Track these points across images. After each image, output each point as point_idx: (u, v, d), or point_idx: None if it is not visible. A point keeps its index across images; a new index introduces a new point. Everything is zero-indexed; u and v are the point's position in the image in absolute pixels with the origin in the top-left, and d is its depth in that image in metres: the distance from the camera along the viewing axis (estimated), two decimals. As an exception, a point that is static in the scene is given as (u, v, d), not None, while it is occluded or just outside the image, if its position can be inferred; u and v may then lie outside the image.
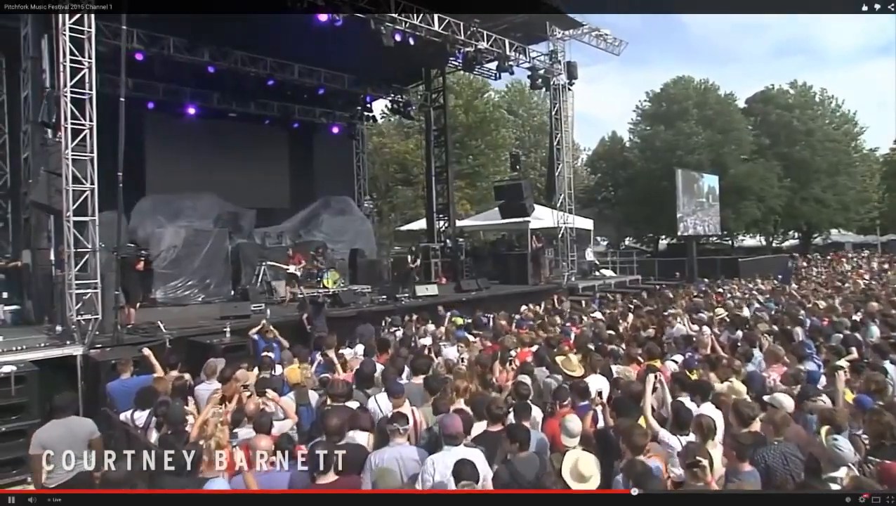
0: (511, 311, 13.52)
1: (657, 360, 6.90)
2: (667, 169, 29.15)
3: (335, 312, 12.18)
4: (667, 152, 35.68)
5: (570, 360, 5.88)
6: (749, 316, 10.55)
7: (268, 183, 20.25)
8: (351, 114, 21.95)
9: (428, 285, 15.24)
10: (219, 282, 15.08)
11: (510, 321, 11.48)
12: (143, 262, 10.12)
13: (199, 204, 15.95)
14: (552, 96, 17.89)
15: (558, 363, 5.95)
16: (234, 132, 18.95)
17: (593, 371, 6.11)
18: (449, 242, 20.73)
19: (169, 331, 9.52)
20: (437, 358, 7.49)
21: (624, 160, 40.77)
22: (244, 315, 11.13)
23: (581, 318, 11.96)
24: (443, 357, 7.58)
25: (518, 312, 13.17)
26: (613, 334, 8.89)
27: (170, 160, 17.50)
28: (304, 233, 18.22)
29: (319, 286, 15.18)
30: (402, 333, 9.65)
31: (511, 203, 18.85)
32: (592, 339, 8.50)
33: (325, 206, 19.27)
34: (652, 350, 7.07)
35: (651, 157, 37.57)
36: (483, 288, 16.43)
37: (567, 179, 18.24)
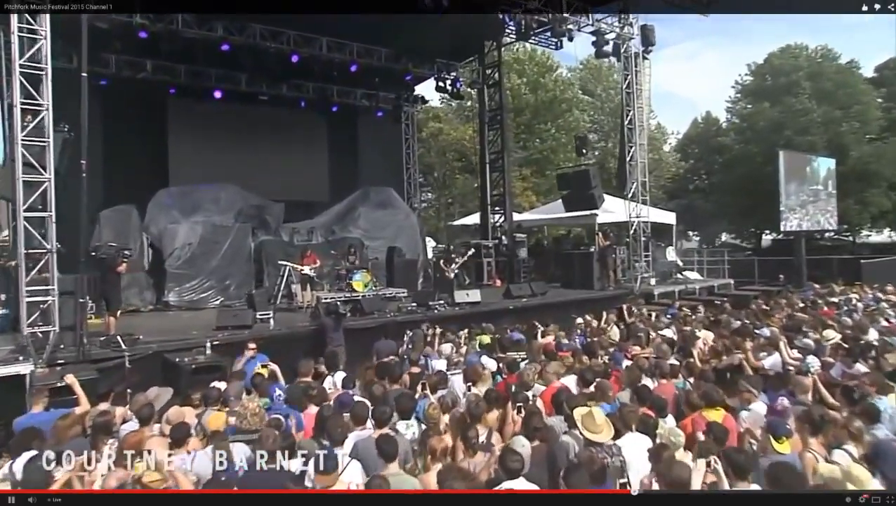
0: (569, 323, 12.01)
1: (721, 409, 5.26)
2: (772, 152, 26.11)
3: (352, 323, 11.09)
4: (772, 133, 32.19)
5: (592, 417, 4.35)
6: (876, 341, 8.40)
7: (304, 173, 19.72)
8: (396, 95, 20.92)
9: (469, 291, 13.86)
10: (239, 283, 14.49)
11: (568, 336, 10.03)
12: (125, 263, 9.40)
13: (219, 196, 15.42)
14: (623, 67, 15.96)
15: (576, 419, 4.44)
16: (265, 117, 18.43)
17: (627, 428, 4.58)
18: (504, 239, 19.25)
19: (147, 344, 8.76)
20: (436, 393, 6.14)
21: (720, 144, 37.45)
22: (244, 325, 10.25)
23: (648, 335, 10.23)
24: (444, 393, 6.22)
25: (575, 325, 11.62)
26: (678, 364, 7.20)
27: (195, 149, 17.28)
28: (338, 229, 17.32)
29: (348, 290, 14.25)
30: (410, 351, 8.33)
31: (576, 193, 17.13)
32: (650, 370, 6.86)
33: (363, 198, 18.29)
34: (710, 396, 5.38)
35: (753, 138, 34.10)
36: (538, 294, 14.86)
37: (641, 165, 16.26)
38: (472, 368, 6.68)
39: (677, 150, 41.24)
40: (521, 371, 6.18)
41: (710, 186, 38.84)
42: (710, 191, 38.47)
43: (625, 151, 16.22)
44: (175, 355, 8.15)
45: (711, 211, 37.19)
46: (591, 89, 37.90)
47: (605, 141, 35.68)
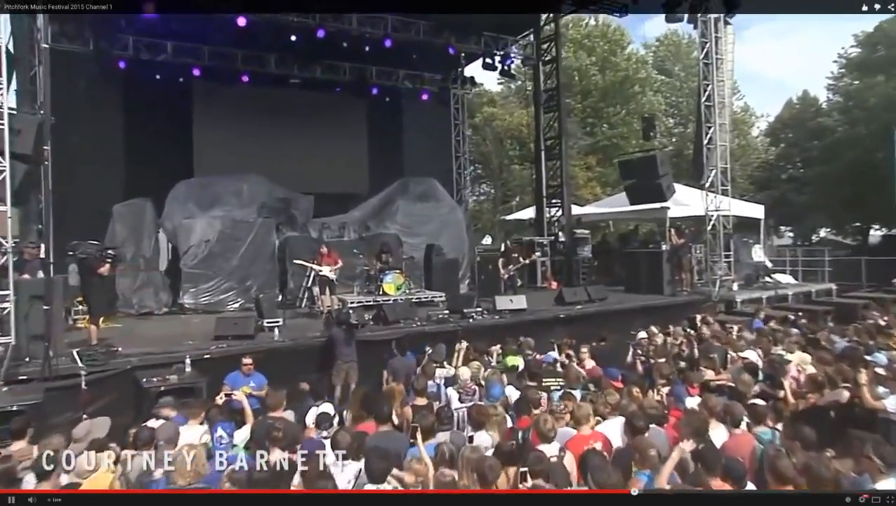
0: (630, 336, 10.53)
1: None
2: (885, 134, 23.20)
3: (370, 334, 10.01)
4: (884, 112, 28.81)
5: None
6: None
7: (341, 163, 18.97)
8: (443, 76, 19.77)
9: (514, 296, 12.51)
10: (262, 284, 13.83)
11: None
12: (107, 264, 8.65)
13: (242, 189, 14.72)
14: (700, 33, 14.11)
15: None
16: (297, 102, 17.80)
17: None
18: (562, 236, 17.75)
19: (127, 357, 7.96)
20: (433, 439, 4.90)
21: (818, 127, 34.12)
22: (245, 335, 9.35)
23: (726, 356, 8.61)
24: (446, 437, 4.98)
25: (635, 340, 10.12)
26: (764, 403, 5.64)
27: (221, 138, 16.85)
28: (373, 224, 16.33)
29: (378, 292, 13.25)
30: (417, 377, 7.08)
31: (641, 183, 15.46)
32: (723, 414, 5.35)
33: (402, 190, 17.24)
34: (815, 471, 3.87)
35: (861, 119, 30.77)
36: (595, 299, 13.35)
37: (721, 149, 14.37)
38: (478, 407, 5.38)
39: (767, 134, 38.12)
40: (539, 417, 4.83)
41: (805, 174, 35.57)
42: (805, 180, 35.19)
43: (702, 133, 14.37)
44: (146, 374, 7.27)
45: (807, 203, 34.02)
46: (668, 68, 35.56)
47: (684, 126, 33.28)
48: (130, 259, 13.01)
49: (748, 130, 34.66)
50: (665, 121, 32.76)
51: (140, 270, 13.12)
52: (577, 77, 29.55)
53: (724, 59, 14.26)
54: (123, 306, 12.71)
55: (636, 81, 30.85)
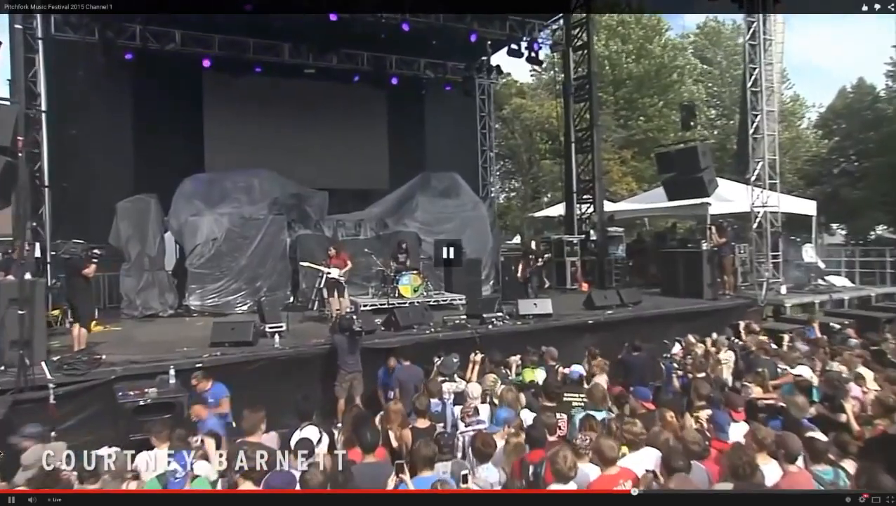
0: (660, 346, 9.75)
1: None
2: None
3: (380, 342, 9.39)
4: (952, 98, 27.31)
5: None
6: None
7: (360, 157, 18.55)
8: (467, 64, 19.05)
9: (539, 300, 11.76)
10: (272, 285, 13.41)
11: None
12: (94, 265, 8.19)
13: (252, 184, 14.25)
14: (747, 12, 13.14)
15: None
16: (313, 93, 17.39)
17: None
18: (594, 234, 16.90)
19: (111, 367, 7.47)
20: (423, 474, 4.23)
21: (877, 116, 32.47)
22: (243, 341, 8.81)
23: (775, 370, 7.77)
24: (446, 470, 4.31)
25: (670, 351, 9.35)
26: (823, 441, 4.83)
27: (233, 131, 16.52)
28: (391, 221, 15.71)
29: (394, 295, 12.64)
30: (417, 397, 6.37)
31: (681, 177, 14.56)
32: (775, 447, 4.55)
33: (422, 185, 16.56)
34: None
35: (921, 108, 29.24)
36: (628, 303, 12.52)
37: (770, 139, 13.39)
38: (482, 436, 4.69)
39: (818, 126, 36.46)
40: (557, 452, 4.10)
41: (860, 167, 33.89)
42: (861, 174, 33.53)
43: (748, 122, 13.39)
44: (124, 387, 6.75)
45: (862, 199, 32.36)
46: (708, 57, 34.21)
47: (727, 118, 31.94)
48: (135, 258, 12.66)
49: (797, 121, 33.10)
50: (706, 112, 31.52)
51: (145, 269, 12.74)
52: (610, 66, 28.52)
53: (772, 39, 13.25)
54: (127, 308, 12.41)
55: (674, 70, 29.68)
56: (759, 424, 5.02)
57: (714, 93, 33.58)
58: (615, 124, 27.84)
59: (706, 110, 31.73)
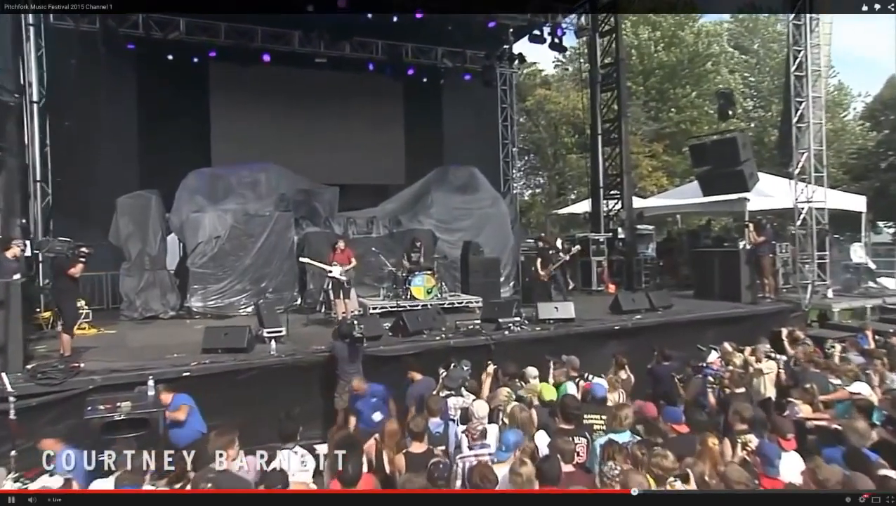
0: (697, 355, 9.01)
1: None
2: None
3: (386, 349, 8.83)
4: None
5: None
6: None
7: (375, 151, 18.12)
8: (487, 53, 18.40)
9: (560, 303, 11.08)
10: (278, 285, 12.97)
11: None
12: (81, 264, 7.75)
13: (258, 179, 13.78)
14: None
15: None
16: (325, 84, 16.94)
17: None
18: (621, 232, 16.18)
19: (91, 375, 7.02)
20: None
21: (927, 106, 31.17)
22: (237, 348, 8.30)
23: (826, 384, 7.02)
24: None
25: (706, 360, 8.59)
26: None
27: (242, 123, 16.15)
28: (405, 218, 15.16)
29: (406, 296, 12.10)
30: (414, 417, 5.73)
31: (719, 171, 13.81)
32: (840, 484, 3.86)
33: (439, 180, 15.97)
34: None
35: (978, 96, 27.83)
36: (658, 307, 11.78)
37: (815, 128, 12.52)
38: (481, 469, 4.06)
39: (865, 117, 35.07)
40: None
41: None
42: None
43: (791, 110, 12.54)
44: (95, 400, 6.25)
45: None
46: (745, 45, 33.05)
47: (764, 109, 30.79)
48: (135, 257, 12.30)
49: (842, 112, 31.81)
50: (742, 102, 30.44)
51: (145, 269, 12.36)
52: (638, 56, 27.61)
53: (819, 19, 12.38)
54: (126, 309, 12.05)
55: (708, 58, 28.66)
56: (818, 458, 4.30)
57: (751, 83, 32.45)
58: (645, 116, 26.96)
59: (742, 101, 30.65)
